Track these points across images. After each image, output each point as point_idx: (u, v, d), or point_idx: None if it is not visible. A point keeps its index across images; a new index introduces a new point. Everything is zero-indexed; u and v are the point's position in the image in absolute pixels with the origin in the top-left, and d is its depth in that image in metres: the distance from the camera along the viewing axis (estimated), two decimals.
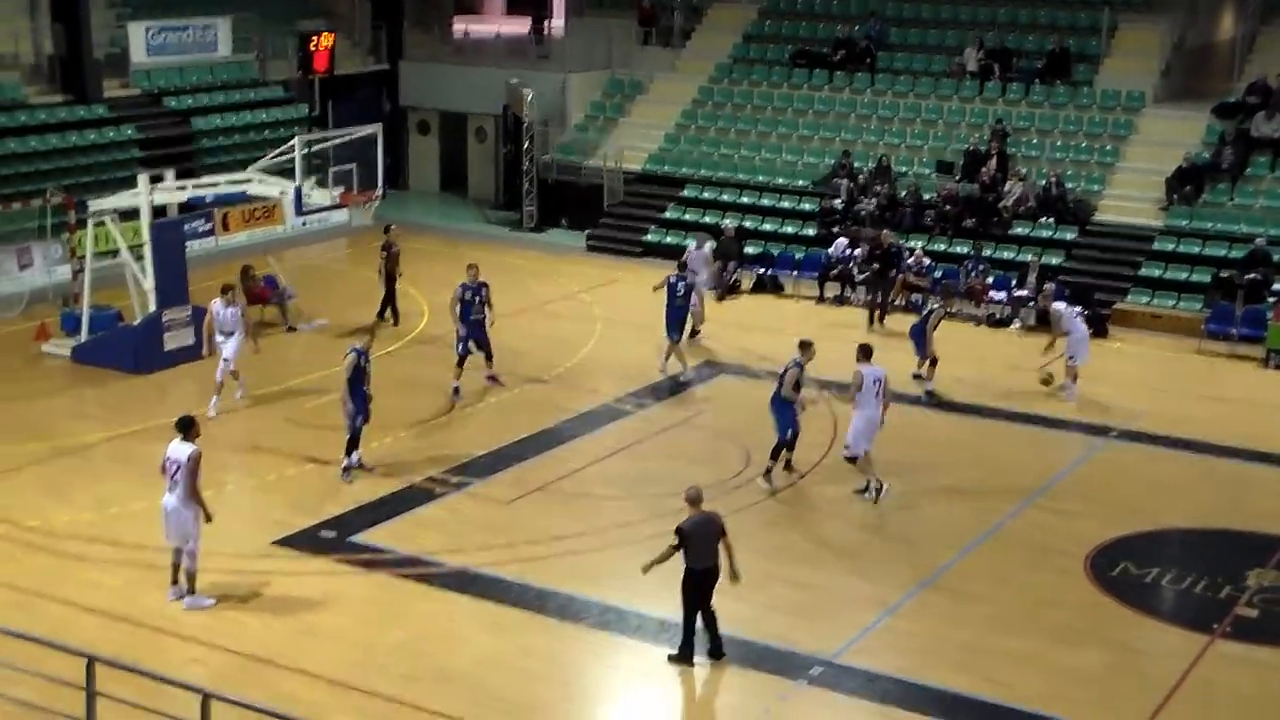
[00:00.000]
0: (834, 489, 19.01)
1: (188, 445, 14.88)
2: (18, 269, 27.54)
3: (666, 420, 21.46)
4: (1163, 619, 15.84)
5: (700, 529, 14.11)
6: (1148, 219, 29.32)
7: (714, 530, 14.18)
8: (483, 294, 22.17)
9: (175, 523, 14.97)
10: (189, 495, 14.85)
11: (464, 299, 22.02)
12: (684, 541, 14.01)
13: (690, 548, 14.03)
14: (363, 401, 18.65)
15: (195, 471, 14.82)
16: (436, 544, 16.88)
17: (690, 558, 14.07)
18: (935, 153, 32.25)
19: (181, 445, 14.91)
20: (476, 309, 22.05)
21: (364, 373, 18.66)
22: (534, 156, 34.11)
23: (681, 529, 14.06)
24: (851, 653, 14.73)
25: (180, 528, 14.97)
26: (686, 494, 14.43)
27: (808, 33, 36.30)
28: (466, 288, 22.07)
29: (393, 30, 38.66)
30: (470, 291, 22.04)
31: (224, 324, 21.21)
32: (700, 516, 14.21)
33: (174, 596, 15.31)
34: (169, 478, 14.92)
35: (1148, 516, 18.41)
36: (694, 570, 14.15)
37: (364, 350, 18.65)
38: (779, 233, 31.20)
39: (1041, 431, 21.55)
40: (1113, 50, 33.06)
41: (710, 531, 14.15)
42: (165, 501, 14.98)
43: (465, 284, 22.15)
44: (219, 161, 31.99)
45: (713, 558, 14.17)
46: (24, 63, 31.16)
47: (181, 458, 14.81)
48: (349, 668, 14.07)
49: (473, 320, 22.00)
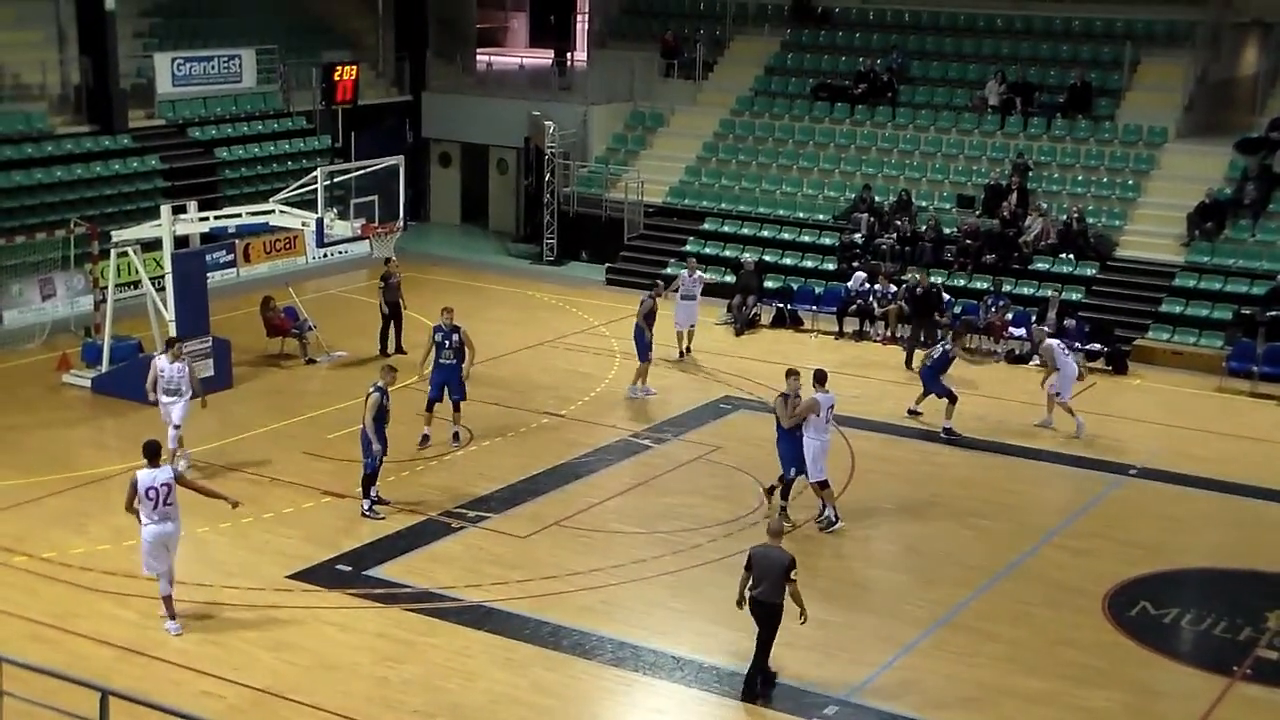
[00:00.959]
0: (849, 526, 18.93)
1: (165, 469, 15.27)
2: (40, 299, 27.72)
3: (684, 455, 21.43)
4: (1181, 660, 15.72)
5: (764, 559, 14.16)
6: (1169, 255, 29.24)
7: (777, 564, 14.11)
8: (454, 339, 21.09)
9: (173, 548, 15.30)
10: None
11: (435, 342, 21.19)
12: (749, 566, 14.22)
13: (753, 574, 14.18)
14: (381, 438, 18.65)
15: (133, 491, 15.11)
16: (452, 579, 16.87)
17: (753, 585, 14.21)
18: (956, 187, 32.27)
19: (159, 470, 15.13)
20: (447, 354, 21.10)
21: (387, 412, 18.60)
22: (555, 189, 34.22)
23: (750, 554, 14.32)
24: (868, 691, 14.66)
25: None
26: (769, 525, 14.87)
27: (829, 66, 36.38)
28: (439, 329, 21.20)
29: (416, 61, 38.90)
30: (443, 334, 21.13)
31: (170, 382, 19.34)
32: (767, 547, 14.29)
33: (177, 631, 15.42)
34: (160, 503, 15.01)
35: (1167, 556, 18.29)
36: (753, 599, 14.25)
37: (385, 388, 18.62)
38: (799, 267, 31.21)
39: (1060, 469, 21.46)
40: (1135, 85, 33.05)
41: (773, 565, 14.11)
42: (166, 529, 15.09)
43: (439, 326, 21.28)
44: (242, 192, 32.23)
45: (774, 593, 14.15)
46: (51, 93, 31.42)
47: (170, 479, 15.14)
48: (363, 702, 14.05)
49: (443, 365, 21.11)
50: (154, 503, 15.03)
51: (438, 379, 21.26)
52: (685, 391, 24.56)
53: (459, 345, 21.18)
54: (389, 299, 25.98)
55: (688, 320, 26.38)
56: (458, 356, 21.16)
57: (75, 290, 27.93)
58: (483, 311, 29.56)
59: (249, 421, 22.33)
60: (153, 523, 15.08)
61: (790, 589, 14.13)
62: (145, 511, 15.07)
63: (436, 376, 21.25)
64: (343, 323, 27.60)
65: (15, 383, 23.86)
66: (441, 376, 21.24)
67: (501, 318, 29.20)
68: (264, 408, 23.12)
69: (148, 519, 15.08)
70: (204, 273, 24.34)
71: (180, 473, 16.26)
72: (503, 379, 24.89)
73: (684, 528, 18.61)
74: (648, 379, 24.19)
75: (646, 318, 23.97)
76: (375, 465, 18.60)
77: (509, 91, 39.83)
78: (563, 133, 34.68)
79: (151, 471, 15.12)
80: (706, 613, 16.22)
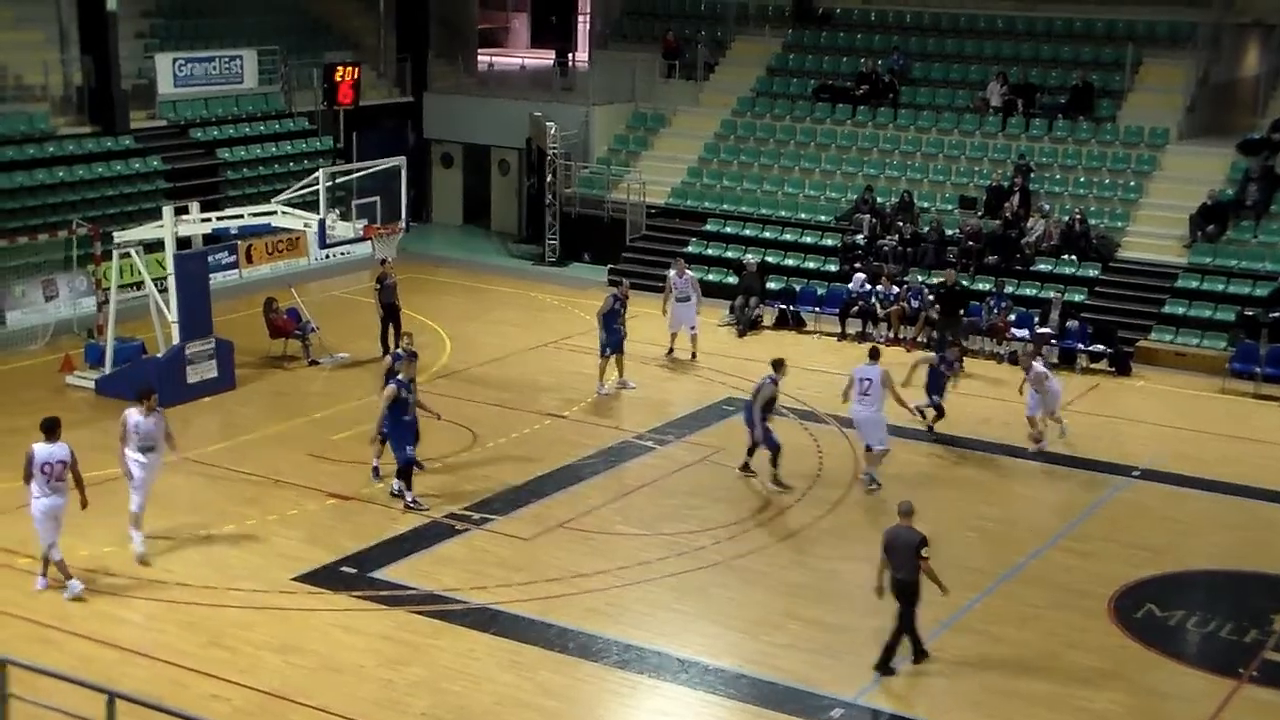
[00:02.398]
0: (855, 528, 18.93)
1: (62, 445, 15.80)
2: (44, 300, 27.70)
3: (687, 457, 21.42)
4: (1187, 663, 15.69)
5: (897, 540, 14.77)
6: (1171, 256, 29.24)
7: (908, 544, 14.71)
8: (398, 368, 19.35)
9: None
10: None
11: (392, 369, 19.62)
12: (885, 548, 14.82)
13: (889, 555, 14.78)
14: (405, 430, 18.85)
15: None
16: (457, 581, 16.86)
17: (891, 566, 14.79)
18: (958, 188, 32.26)
19: (54, 446, 15.75)
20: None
21: (405, 404, 18.79)
22: (557, 190, 34.21)
23: (884, 537, 14.94)
24: (873, 694, 14.66)
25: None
26: (899, 506, 15.15)
27: (831, 67, 36.38)
28: (401, 384, 18.96)
29: (417, 62, 38.88)
30: (404, 389, 18.95)
31: (146, 438, 16.96)
32: (898, 528, 14.87)
33: (44, 586, 16.17)
34: (53, 479, 15.67)
35: (1172, 558, 18.28)
36: (894, 579, 14.78)
37: (406, 381, 18.89)
38: (801, 268, 31.19)
39: (1064, 471, 21.44)
40: (1136, 86, 33.05)
41: (904, 544, 14.72)
42: (57, 502, 15.78)
43: (399, 380, 19.06)
44: (244, 193, 32.21)
45: (909, 571, 14.72)
46: (53, 94, 31.40)
47: (65, 457, 15.76)
48: (368, 705, 14.04)
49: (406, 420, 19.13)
50: (48, 477, 15.66)
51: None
52: (688, 393, 24.55)
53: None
54: (385, 300, 25.88)
55: (680, 322, 26.32)
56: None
57: (78, 291, 27.92)
58: (485, 313, 29.62)
59: (252, 423, 22.32)
60: (45, 496, 15.71)
61: (923, 566, 14.70)
62: (39, 484, 15.68)
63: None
64: (345, 324, 27.57)
65: (18, 384, 23.84)
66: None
67: (504, 319, 29.21)
68: (267, 409, 23.11)
69: (40, 492, 15.70)
70: (206, 274, 24.33)
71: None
72: (505, 380, 24.89)
73: (688, 530, 18.61)
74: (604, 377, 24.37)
75: (605, 316, 24.20)
76: (405, 458, 18.83)
77: (511, 92, 39.87)
78: (564, 133, 34.67)
79: (48, 447, 15.74)
80: (711, 615, 16.24)
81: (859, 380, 20.12)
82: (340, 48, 38.13)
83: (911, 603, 14.85)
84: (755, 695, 14.52)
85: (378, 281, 26.01)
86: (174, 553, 17.38)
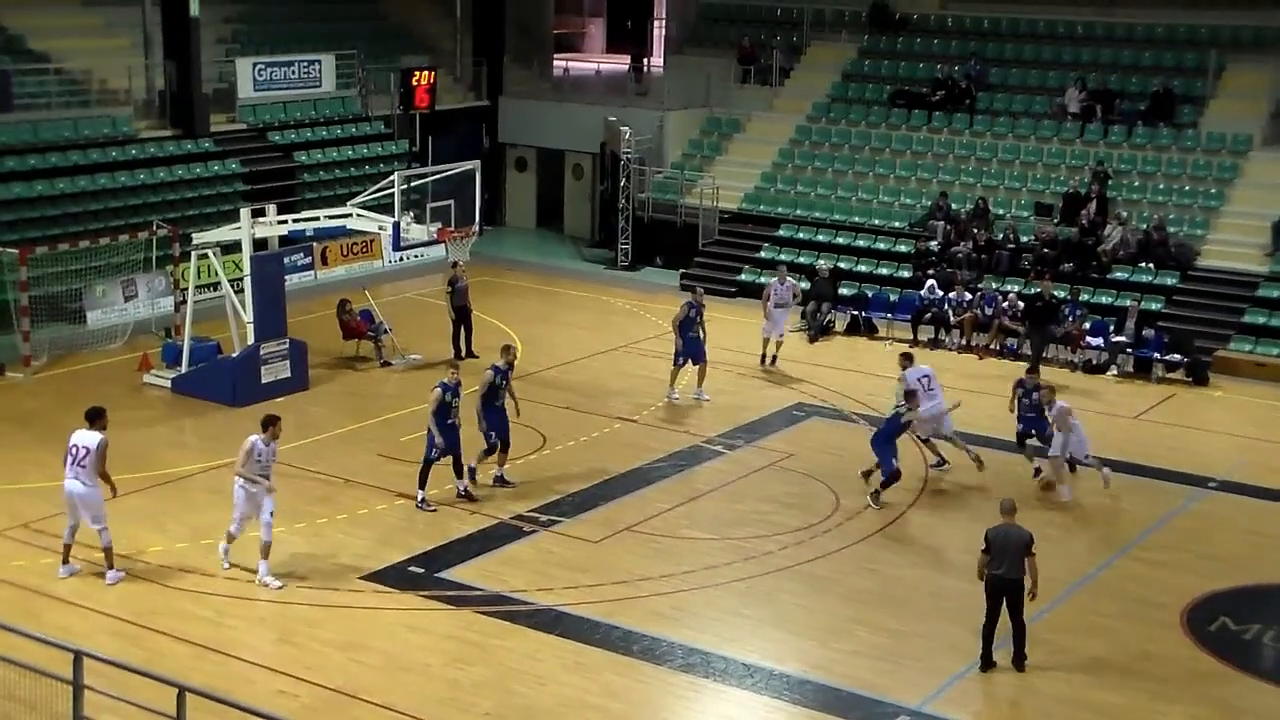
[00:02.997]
0: (922, 535, 18.81)
1: (95, 433, 16.22)
2: (123, 300, 28.14)
3: (757, 462, 21.38)
4: (1263, 678, 15.43)
5: (1003, 538, 14.80)
6: (1252, 265, 28.76)
7: (1016, 541, 14.77)
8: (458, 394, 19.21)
9: (85, 504, 16.23)
10: (97, 475, 16.16)
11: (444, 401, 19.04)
12: (988, 547, 14.82)
13: (993, 554, 14.77)
14: (497, 417, 19.50)
15: (104, 456, 16.19)
16: (523, 582, 16.93)
17: (992, 564, 14.78)
18: (1034, 195, 31.94)
19: (89, 433, 16.23)
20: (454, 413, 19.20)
21: (498, 390, 19.48)
22: (630, 194, 34.28)
23: (987, 534, 14.92)
24: (939, 702, 14.54)
25: (92, 508, 16.24)
26: (1001, 504, 15.22)
27: (907, 73, 36.16)
28: (446, 388, 19.02)
29: (493, 67, 39.11)
30: (449, 393, 19.01)
31: (264, 467, 16.65)
32: (1004, 526, 14.92)
33: (66, 574, 16.52)
34: (74, 464, 16.15)
35: (1248, 571, 17.98)
36: (995, 576, 14.78)
37: (504, 369, 19.61)
38: (874, 274, 31.04)
39: (1138, 480, 21.14)
40: (1219, 92, 32.55)
41: (1011, 542, 14.76)
42: (70, 487, 16.20)
43: (445, 383, 19.10)
44: (320, 196, 32.55)
45: (1015, 569, 14.74)
46: (136, 98, 31.91)
47: (91, 444, 16.12)
48: (434, 704, 14.13)
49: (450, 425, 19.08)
50: (72, 459, 16.17)
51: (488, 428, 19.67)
52: (759, 398, 24.49)
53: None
54: (456, 303, 26.07)
55: (775, 328, 26.24)
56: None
57: (156, 291, 28.32)
58: (557, 316, 29.73)
59: (324, 423, 22.54)
60: (66, 479, 16.27)
61: (1029, 563, 14.71)
62: (66, 465, 16.28)
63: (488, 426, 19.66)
64: (418, 326, 27.77)
65: (98, 382, 24.21)
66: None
67: (576, 322, 29.30)
68: (339, 410, 23.34)
69: (67, 473, 16.29)
70: (282, 275, 24.59)
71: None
72: (576, 383, 24.96)
73: (756, 534, 18.56)
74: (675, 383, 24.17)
75: (681, 325, 23.83)
76: (491, 442, 19.38)
77: (585, 97, 39.99)
78: (638, 138, 34.73)
79: (82, 432, 16.29)
80: (777, 620, 16.20)
81: (920, 379, 20.66)
82: (417, 52, 38.43)
83: (1019, 601, 14.83)
84: (820, 701, 14.47)
85: (449, 284, 26.17)
86: (245, 551, 17.56)
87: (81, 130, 30.36)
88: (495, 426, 19.59)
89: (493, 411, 19.54)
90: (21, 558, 17.14)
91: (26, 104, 30.00)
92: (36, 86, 30.47)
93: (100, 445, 16.19)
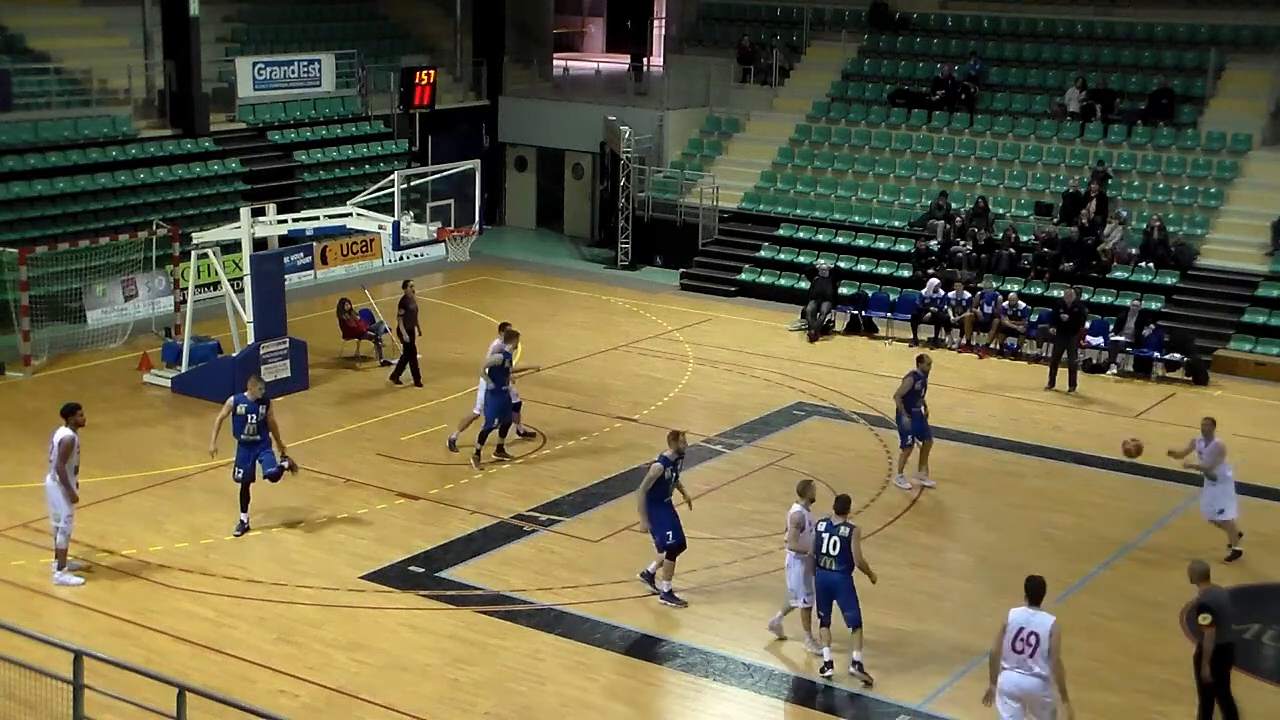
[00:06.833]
0: (922, 534, 18.81)
1: (63, 429, 16.20)
2: (123, 299, 28.14)
3: (756, 461, 21.38)
4: (1263, 677, 15.42)
5: (1225, 602, 13.72)
6: (1252, 264, 28.78)
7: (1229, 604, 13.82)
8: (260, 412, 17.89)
9: (49, 501, 16.34)
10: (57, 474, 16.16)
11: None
12: (1215, 614, 13.54)
13: (1222, 621, 13.57)
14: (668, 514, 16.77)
15: (65, 455, 16.10)
16: (523, 582, 16.93)
17: (1221, 633, 13.60)
18: (1034, 194, 31.95)
19: (59, 430, 16.24)
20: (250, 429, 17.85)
21: (668, 485, 16.75)
22: (630, 194, 34.28)
23: (1209, 604, 13.58)
24: (939, 702, 14.54)
25: (53, 505, 16.29)
26: (1192, 569, 13.93)
27: (906, 72, 36.17)
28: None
29: (493, 66, 39.14)
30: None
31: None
32: (1217, 590, 13.77)
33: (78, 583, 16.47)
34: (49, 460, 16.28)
35: (1247, 571, 17.97)
36: (1226, 645, 13.71)
37: (673, 459, 16.71)
38: (873, 273, 31.04)
39: (1137, 480, 21.13)
40: (1219, 91, 32.56)
41: (1228, 604, 13.78)
42: (45, 483, 16.33)
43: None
44: (320, 195, 32.59)
45: (1229, 631, 13.77)
46: (136, 97, 31.93)
47: (55, 440, 16.18)
48: (433, 704, 14.13)
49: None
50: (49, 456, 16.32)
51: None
52: (759, 398, 24.49)
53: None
54: (409, 325, 24.18)
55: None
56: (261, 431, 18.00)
57: (157, 291, 28.34)
58: (557, 315, 29.73)
59: (324, 422, 22.55)
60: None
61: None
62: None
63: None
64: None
65: (98, 382, 24.22)
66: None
67: (575, 322, 29.30)
68: (339, 409, 23.34)
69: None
70: (282, 274, 24.56)
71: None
72: (576, 383, 24.96)
73: (756, 534, 18.56)
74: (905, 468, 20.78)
75: (905, 398, 20.39)
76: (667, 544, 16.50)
77: (585, 96, 40.00)
78: (638, 138, 34.74)
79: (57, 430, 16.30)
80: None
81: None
82: (417, 52, 38.45)
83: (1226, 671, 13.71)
84: (821, 702, 14.47)
85: (401, 306, 24.26)
86: (245, 550, 17.59)
87: (81, 130, 30.37)
88: (670, 525, 16.53)
89: (662, 509, 16.52)
90: (21, 558, 17.13)
91: (26, 104, 30.04)
92: (36, 86, 30.50)
93: (61, 442, 16.13)
